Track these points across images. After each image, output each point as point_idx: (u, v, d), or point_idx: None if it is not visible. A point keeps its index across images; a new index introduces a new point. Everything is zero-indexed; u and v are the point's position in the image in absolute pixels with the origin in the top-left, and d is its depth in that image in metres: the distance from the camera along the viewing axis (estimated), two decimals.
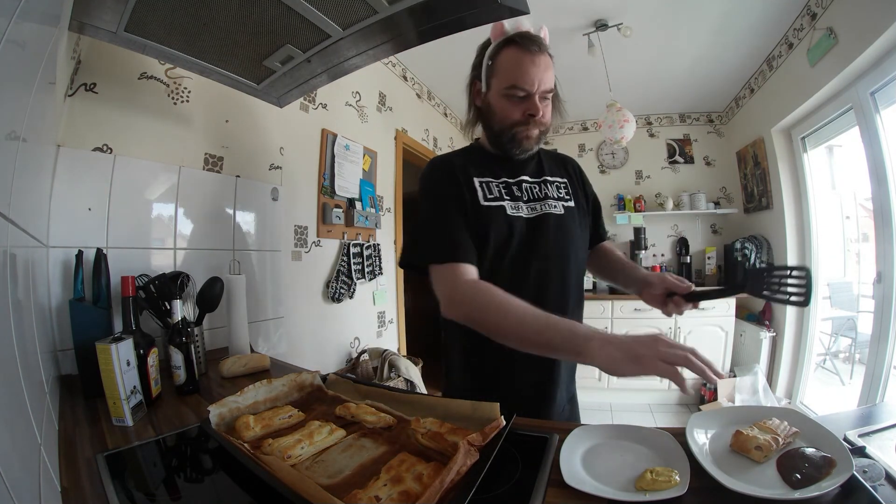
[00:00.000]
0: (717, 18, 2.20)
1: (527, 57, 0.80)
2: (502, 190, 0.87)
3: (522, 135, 0.85)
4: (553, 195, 0.91)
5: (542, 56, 0.81)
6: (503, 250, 0.83)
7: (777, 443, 0.55)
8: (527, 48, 0.80)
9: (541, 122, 0.84)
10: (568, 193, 0.94)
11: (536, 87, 0.80)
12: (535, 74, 0.80)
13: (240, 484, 0.56)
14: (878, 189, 1.92)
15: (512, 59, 0.81)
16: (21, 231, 0.58)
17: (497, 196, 0.86)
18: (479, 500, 0.47)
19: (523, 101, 0.82)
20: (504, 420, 0.60)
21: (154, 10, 0.86)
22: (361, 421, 0.69)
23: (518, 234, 0.84)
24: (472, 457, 0.51)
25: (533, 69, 0.80)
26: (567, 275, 0.88)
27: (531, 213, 0.87)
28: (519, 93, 0.81)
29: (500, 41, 0.83)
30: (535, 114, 0.82)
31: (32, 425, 0.49)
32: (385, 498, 0.47)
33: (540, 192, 0.90)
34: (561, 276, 0.87)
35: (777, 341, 2.78)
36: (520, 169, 0.91)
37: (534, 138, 0.86)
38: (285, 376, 0.83)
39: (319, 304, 1.94)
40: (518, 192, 0.89)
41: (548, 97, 0.84)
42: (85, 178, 1.09)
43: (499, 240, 0.83)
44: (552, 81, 0.83)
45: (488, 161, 0.91)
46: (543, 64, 0.81)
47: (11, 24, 0.37)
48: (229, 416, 0.70)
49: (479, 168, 0.89)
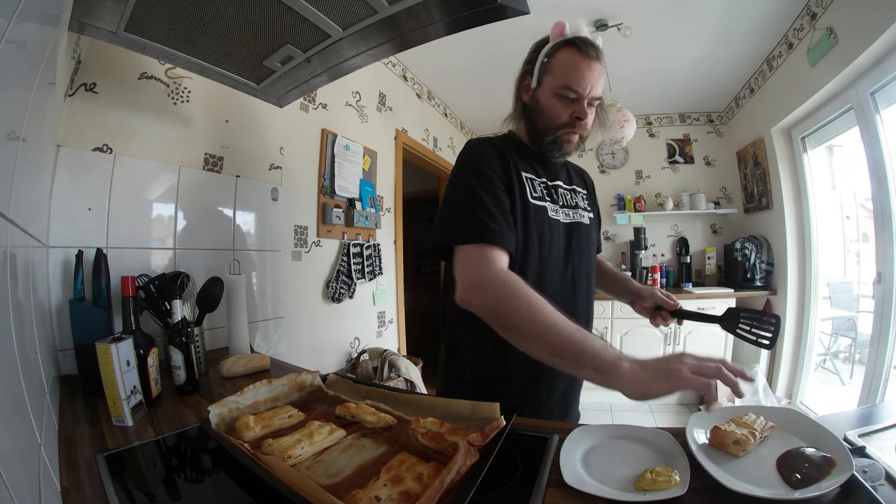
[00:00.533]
0: (717, 18, 2.20)
1: (584, 61, 0.80)
2: (544, 190, 0.87)
3: (565, 138, 0.84)
4: (582, 205, 0.94)
5: (598, 63, 0.81)
6: (546, 253, 0.82)
7: (755, 437, 0.56)
8: (585, 52, 0.80)
9: (585, 126, 0.84)
10: (589, 205, 0.97)
11: (588, 90, 0.80)
12: (590, 78, 0.80)
13: (240, 484, 0.56)
14: (878, 189, 1.92)
15: (569, 60, 0.81)
16: (21, 231, 0.58)
17: (541, 196, 0.85)
18: (479, 501, 0.47)
19: (573, 103, 0.82)
20: (504, 420, 0.60)
21: (154, 10, 0.86)
22: (361, 421, 0.69)
23: (558, 239, 0.85)
24: (473, 457, 0.51)
25: (588, 73, 0.80)
26: (591, 285, 0.91)
27: (566, 219, 0.88)
28: (570, 94, 0.81)
29: (559, 41, 0.82)
30: (583, 117, 0.81)
31: (32, 425, 0.49)
32: (385, 498, 0.47)
33: (572, 199, 0.92)
34: (587, 285, 0.89)
35: (777, 341, 2.78)
36: (555, 173, 0.92)
37: (574, 143, 0.86)
38: (285, 376, 0.83)
39: (319, 304, 1.94)
40: (556, 196, 0.89)
41: (594, 104, 0.84)
42: (85, 178, 1.09)
43: (544, 241, 0.82)
44: (601, 90, 0.83)
45: (529, 157, 0.89)
46: (598, 70, 0.81)
47: (11, 24, 0.37)
48: (229, 416, 0.70)
49: (525, 162, 0.87)
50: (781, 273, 2.77)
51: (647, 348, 2.98)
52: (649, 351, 2.98)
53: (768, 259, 2.90)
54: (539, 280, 0.79)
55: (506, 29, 1.20)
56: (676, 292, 3.16)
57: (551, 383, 0.86)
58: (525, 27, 1.27)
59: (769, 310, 2.90)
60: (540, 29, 0.89)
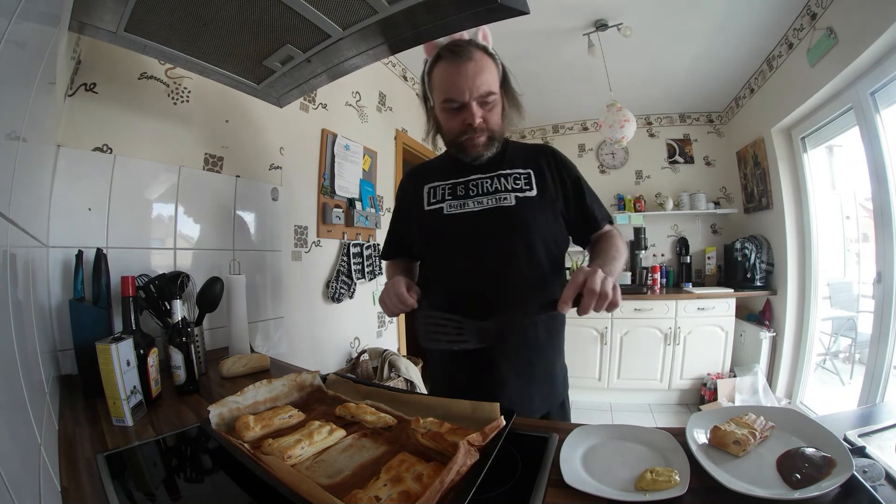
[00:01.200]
0: (717, 18, 2.20)
1: (453, 68, 0.81)
2: (446, 192, 0.93)
3: (468, 143, 0.87)
4: (507, 187, 0.90)
5: (470, 63, 0.81)
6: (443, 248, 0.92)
7: (755, 437, 0.56)
8: (452, 59, 0.81)
9: (483, 127, 0.85)
10: (528, 184, 0.91)
11: (468, 95, 0.81)
12: (464, 83, 0.81)
13: (240, 484, 0.56)
14: (878, 189, 1.92)
15: (441, 72, 0.83)
16: (21, 231, 0.58)
17: (439, 199, 0.93)
18: (479, 500, 0.47)
19: (460, 112, 0.84)
20: (504, 420, 0.60)
21: (154, 10, 0.86)
22: (361, 421, 0.69)
23: (456, 231, 0.89)
24: (472, 457, 0.51)
25: (460, 79, 0.81)
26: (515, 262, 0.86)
27: (478, 207, 0.89)
28: (453, 104, 0.83)
29: (433, 56, 0.86)
30: (472, 122, 0.83)
31: (32, 425, 0.49)
32: (385, 498, 0.47)
33: (491, 186, 0.90)
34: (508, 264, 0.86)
35: (777, 341, 2.78)
36: (473, 168, 0.92)
37: (481, 144, 0.87)
38: (285, 376, 0.83)
39: (319, 304, 1.94)
40: (463, 191, 0.91)
41: (489, 100, 0.84)
42: (85, 178, 1.09)
43: (436, 239, 0.93)
44: (489, 84, 0.83)
45: (448, 164, 0.95)
46: (472, 70, 0.81)
47: (11, 24, 0.37)
48: (229, 415, 0.70)
49: (437, 173, 0.96)
50: (781, 273, 2.77)
51: (647, 348, 2.98)
52: (649, 350, 2.98)
53: (768, 259, 2.90)
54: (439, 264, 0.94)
55: (506, 29, 1.20)
56: (677, 292, 3.16)
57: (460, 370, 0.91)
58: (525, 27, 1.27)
59: (769, 309, 2.90)
60: (540, 29, 0.89)
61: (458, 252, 0.89)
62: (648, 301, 3.00)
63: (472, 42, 0.84)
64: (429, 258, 0.97)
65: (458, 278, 0.89)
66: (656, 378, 3.01)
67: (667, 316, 2.95)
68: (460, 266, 0.89)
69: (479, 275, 0.86)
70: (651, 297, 3.06)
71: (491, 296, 0.85)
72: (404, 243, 1.03)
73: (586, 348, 3.04)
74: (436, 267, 0.95)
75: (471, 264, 0.87)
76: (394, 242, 1.07)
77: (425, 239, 0.95)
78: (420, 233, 0.96)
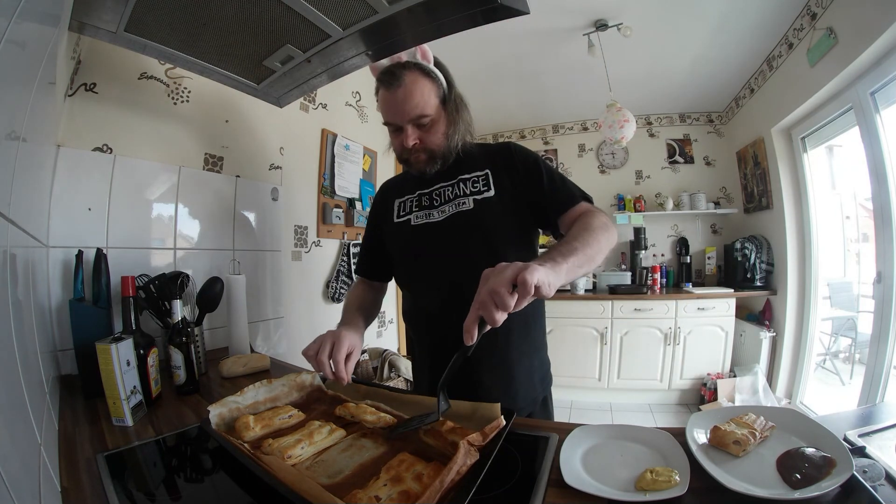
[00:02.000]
0: (717, 18, 2.20)
1: (387, 94, 0.84)
2: (413, 204, 0.95)
3: (413, 160, 0.89)
4: (465, 191, 0.90)
5: (401, 88, 0.82)
6: (411, 259, 0.94)
7: (755, 437, 0.56)
8: (386, 86, 0.84)
9: (419, 147, 0.87)
10: (486, 185, 0.90)
11: (402, 118, 0.84)
12: (396, 108, 0.84)
13: (240, 484, 0.56)
14: (878, 189, 1.92)
15: (381, 98, 0.87)
16: (21, 231, 0.58)
17: (407, 211, 0.96)
18: (479, 500, 0.47)
19: (399, 134, 0.87)
20: (504, 420, 0.60)
21: (154, 10, 0.86)
22: (361, 420, 0.69)
23: (422, 242, 0.91)
24: (472, 457, 0.51)
25: (394, 102, 0.83)
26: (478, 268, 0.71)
27: (441, 216, 0.90)
28: (391, 127, 0.88)
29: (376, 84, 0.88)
30: (407, 144, 0.85)
31: (32, 425, 0.49)
32: (385, 498, 0.47)
33: (451, 193, 0.91)
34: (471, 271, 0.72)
35: (777, 341, 2.78)
36: (436, 177, 0.93)
37: (423, 161, 0.89)
38: (285, 376, 0.83)
39: (319, 304, 1.94)
40: (427, 202, 0.93)
41: (423, 121, 0.85)
42: (85, 178, 1.09)
43: (404, 251, 0.95)
44: (422, 107, 0.83)
45: (415, 177, 0.96)
46: (403, 94, 0.82)
47: (11, 24, 0.37)
48: (229, 415, 0.70)
49: (406, 186, 0.99)
50: (781, 273, 2.77)
51: (647, 348, 2.98)
52: (649, 350, 2.98)
53: (768, 259, 2.90)
54: (408, 276, 0.97)
55: (506, 29, 1.20)
56: (677, 292, 3.16)
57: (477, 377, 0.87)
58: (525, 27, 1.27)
59: (769, 310, 2.90)
60: (540, 29, 0.89)
61: (426, 263, 0.91)
62: (648, 301, 3.00)
63: (406, 64, 0.84)
64: (399, 271, 1.00)
65: (426, 289, 0.92)
66: (656, 378, 3.01)
67: (667, 316, 2.95)
68: (428, 277, 0.90)
69: (445, 285, 0.86)
70: (651, 297, 3.06)
71: (456, 304, 0.73)
72: (374, 257, 1.06)
73: (586, 348, 3.04)
74: (405, 279, 0.98)
75: (437, 274, 0.88)
76: (364, 256, 1.09)
77: (395, 252, 0.98)
78: (391, 246, 0.99)
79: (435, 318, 0.90)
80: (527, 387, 0.90)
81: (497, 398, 0.80)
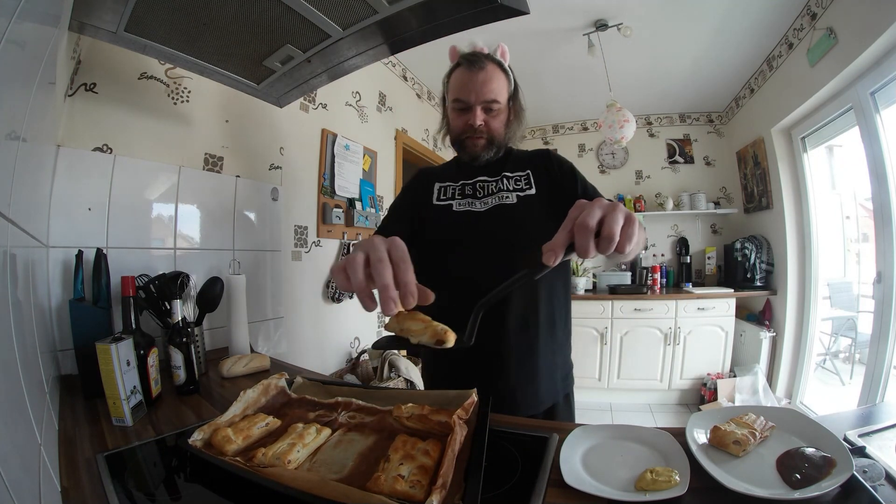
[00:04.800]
0: (717, 18, 2.20)
1: (467, 73, 0.91)
2: (456, 191, 0.99)
3: (468, 142, 0.94)
4: (510, 188, 0.96)
5: (483, 71, 0.89)
6: (451, 243, 0.94)
7: (755, 437, 0.56)
8: (467, 66, 0.90)
9: (483, 130, 0.92)
10: (528, 183, 0.97)
11: (475, 98, 0.90)
12: (474, 87, 0.90)
13: (240, 484, 0.56)
14: (878, 189, 1.92)
15: (457, 76, 0.93)
16: (21, 231, 0.58)
17: (449, 196, 0.98)
18: (479, 500, 0.47)
19: (465, 113, 0.93)
20: (476, 397, 0.64)
21: (154, 10, 0.86)
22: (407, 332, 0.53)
23: (463, 228, 0.93)
24: (464, 429, 0.56)
25: (472, 83, 0.90)
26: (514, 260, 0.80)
27: (483, 207, 0.94)
28: (461, 105, 0.92)
29: (454, 63, 0.95)
30: (473, 123, 0.91)
31: (32, 425, 0.49)
32: (407, 475, 0.49)
33: (495, 187, 0.97)
34: (509, 259, 0.80)
35: (777, 341, 2.78)
36: (480, 170, 0.99)
37: (480, 146, 0.94)
38: (259, 383, 0.79)
39: (319, 304, 1.94)
40: (471, 191, 0.97)
41: (493, 108, 0.92)
42: (85, 178, 1.09)
43: (445, 234, 0.95)
44: (496, 93, 0.91)
45: (455, 168, 1.03)
46: (482, 77, 0.89)
47: (11, 24, 0.37)
48: (208, 430, 0.65)
49: (447, 174, 1.02)
50: (781, 273, 2.77)
51: (647, 348, 2.98)
52: (649, 350, 2.98)
53: (768, 259, 2.91)
54: (447, 261, 0.93)
55: (506, 29, 1.20)
56: (677, 292, 3.16)
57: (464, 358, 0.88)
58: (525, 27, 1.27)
59: (769, 309, 2.90)
60: (540, 29, 0.90)
61: (462, 246, 0.92)
62: (648, 301, 3.00)
63: (488, 55, 0.92)
64: (431, 252, 0.95)
65: (459, 271, 0.91)
66: (656, 378, 3.01)
67: (667, 316, 2.95)
68: (463, 260, 0.92)
69: (480, 269, 0.87)
70: (651, 297, 3.06)
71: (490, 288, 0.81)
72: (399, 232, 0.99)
73: (586, 348, 3.04)
74: (437, 261, 0.94)
75: (473, 258, 0.90)
76: (388, 228, 1.00)
77: (432, 234, 0.97)
78: (427, 226, 0.98)
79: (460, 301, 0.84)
80: (548, 382, 0.94)
81: (522, 387, 0.90)
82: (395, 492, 0.47)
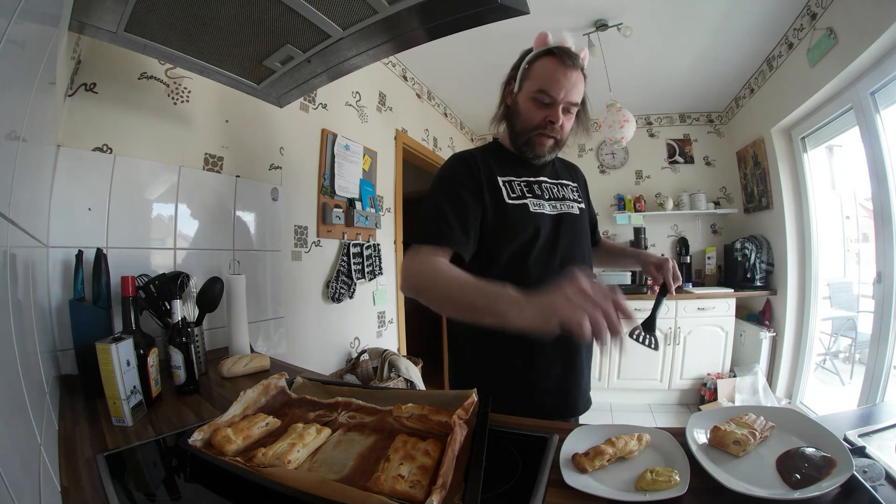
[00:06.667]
0: (717, 18, 2.20)
1: (560, 68, 0.85)
2: (524, 188, 0.92)
3: (538, 140, 0.91)
4: (571, 196, 0.98)
5: (575, 71, 0.86)
6: (529, 247, 0.88)
7: (755, 437, 0.56)
8: (563, 61, 0.85)
9: (558, 130, 0.90)
10: (579, 197, 1.01)
11: (562, 96, 0.86)
12: (565, 85, 0.86)
13: (240, 483, 0.56)
14: (878, 189, 1.92)
15: (547, 66, 0.87)
16: (21, 231, 0.58)
17: (520, 194, 0.91)
18: (480, 500, 0.47)
19: (547, 108, 0.88)
20: (475, 396, 0.63)
21: (154, 10, 0.86)
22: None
23: (544, 231, 0.89)
24: (464, 429, 0.55)
25: (563, 80, 0.85)
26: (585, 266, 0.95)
27: (553, 211, 0.93)
28: (545, 98, 0.87)
29: (541, 50, 0.88)
30: (555, 121, 0.87)
31: (32, 425, 0.49)
32: (408, 475, 0.49)
33: (559, 192, 0.97)
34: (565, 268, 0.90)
35: (777, 341, 2.78)
36: (539, 170, 0.97)
37: (548, 146, 0.92)
38: (259, 384, 0.79)
39: (319, 304, 1.94)
40: (539, 191, 0.94)
41: (571, 111, 0.90)
42: (85, 178, 1.09)
43: (525, 237, 0.88)
44: (579, 97, 0.89)
45: (509, 160, 0.96)
46: (574, 78, 0.86)
47: (11, 24, 0.37)
48: (208, 430, 0.66)
49: (501, 167, 0.93)
50: (781, 273, 2.77)
51: (646, 348, 2.98)
52: (649, 350, 2.97)
53: (768, 259, 2.91)
54: (522, 267, 0.87)
55: (506, 29, 1.20)
56: (676, 292, 3.16)
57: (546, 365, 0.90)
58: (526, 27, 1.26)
59: (769, 310, 2.90)
60: (540, 29, 0.89)
61: (537, 248, 0.88)
62: (648, 301, 2.99)
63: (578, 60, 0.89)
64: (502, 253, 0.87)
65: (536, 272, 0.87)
66: (656, 378, 3.01)
67: (667, 316, 2.96)
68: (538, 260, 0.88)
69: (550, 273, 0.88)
70: (651, 297, 3.05)
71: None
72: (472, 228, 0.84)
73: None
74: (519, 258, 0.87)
75: (546, 261, 0.89)
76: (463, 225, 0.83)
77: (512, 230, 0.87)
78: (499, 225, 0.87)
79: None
80: (586, 386, 0.99)
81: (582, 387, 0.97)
82: (396, 492, 0.47)
